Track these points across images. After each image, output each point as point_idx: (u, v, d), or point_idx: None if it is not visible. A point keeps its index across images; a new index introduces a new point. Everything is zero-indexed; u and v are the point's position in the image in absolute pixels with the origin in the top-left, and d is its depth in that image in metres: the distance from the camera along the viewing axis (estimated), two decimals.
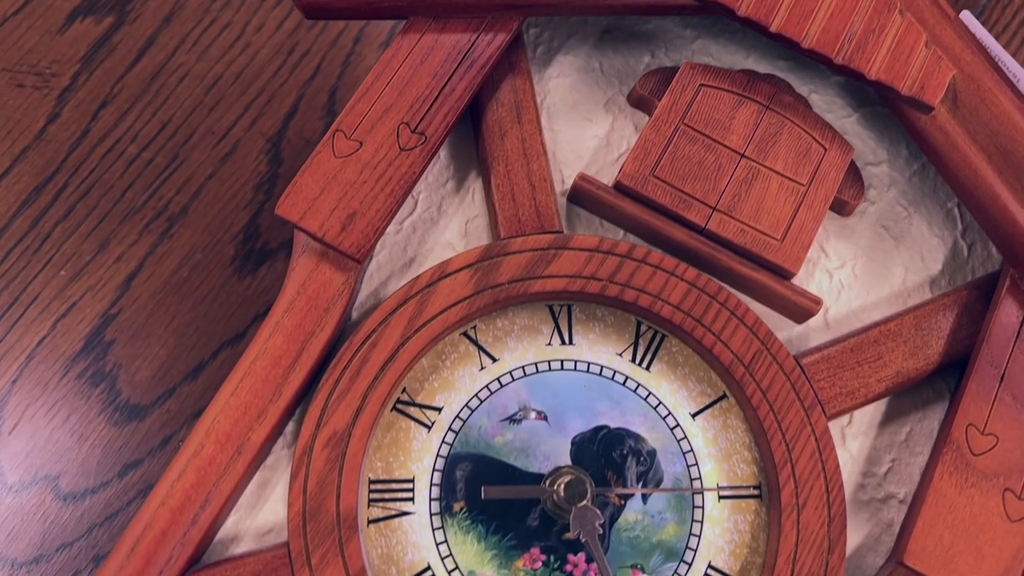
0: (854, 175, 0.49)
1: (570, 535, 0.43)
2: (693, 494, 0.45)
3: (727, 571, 0.44)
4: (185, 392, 0.62)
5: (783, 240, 0.46)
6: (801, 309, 0.46)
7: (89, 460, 0.60)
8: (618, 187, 0.47)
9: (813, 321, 0.48)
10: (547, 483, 0.44)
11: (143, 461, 0.61)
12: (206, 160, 0.67)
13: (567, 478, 0.42)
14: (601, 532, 0.42)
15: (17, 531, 0.59)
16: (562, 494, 0.41)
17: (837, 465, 0.43)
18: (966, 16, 0.51)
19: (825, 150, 0.48)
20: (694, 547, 0.44)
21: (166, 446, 0.61)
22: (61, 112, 0.66)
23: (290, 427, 0.45)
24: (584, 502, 0.42)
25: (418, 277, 0.45)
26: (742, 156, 0.47)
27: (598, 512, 0.42)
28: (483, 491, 0.42)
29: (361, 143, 0.45)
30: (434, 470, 0.44)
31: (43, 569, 0.58)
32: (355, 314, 0.47)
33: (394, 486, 0.44)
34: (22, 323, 0.63)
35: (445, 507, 0.44)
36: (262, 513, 0.43)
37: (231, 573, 0.40)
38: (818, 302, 0.46)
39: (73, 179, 0.66)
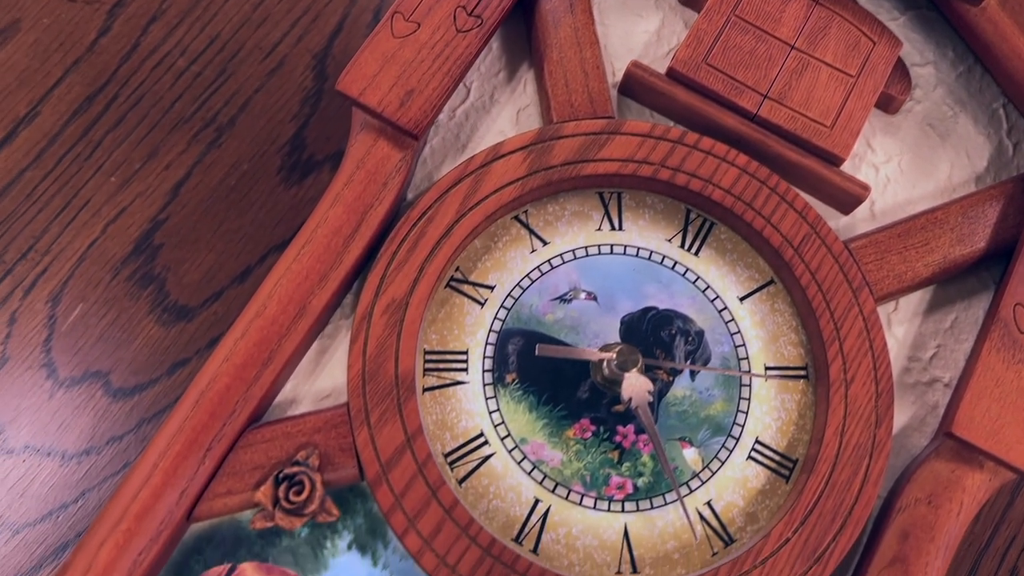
0: (901, 71, 0.49)
1: (620, 408, 0.44)
2: (741, 372, 0.45)
3: (774, 446, 0.44)
4: (232, 295, 0.63)
5: (832, 127, 0.47)
6: (849, 196, 0.47)
7: (138, 358, 0.61)
8: (671, 74, 0.47)
9: (859, 212, 0.49)
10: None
11: (191, 360, 0.62)
12: (253, 74, 0.68)
13: (619, 347, 0.43)
14: (651, 400, 0.43)
15: (68, 424, 0.60)
16: (614, 360, 0.42)
17: (884, 344, 0.44)
18: None
19: (874, 43, 0.48)
20: (741, 423, 0.45)
21: (213, 346, 0.62)
22: (112, 26, 0.67)
23: (347, 300, 0.46)
24: (635, 370, 0.42)
25: (472, 157, 0.46)
26: (792, 47, 0.48)
27: (648, 380, 0.43)
28: (537, 348, 0.43)
29: (419, 24, 0.45)
30: (487, 344, 0.45)
31: (93, 460, 0.59)
32: (410, 195, 0.48)
33: (448, 357, 0.45)
34: (74, 226, 0.64)
35: (497, 378, 0.44)
36: (320, 379, 0.44)
37: (292, 429, 0.41)
38: (866, 188, 0.46)
39: (123, 90, 0.67)
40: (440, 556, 0.40)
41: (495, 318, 0.45)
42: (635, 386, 0.43)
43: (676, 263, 0.47)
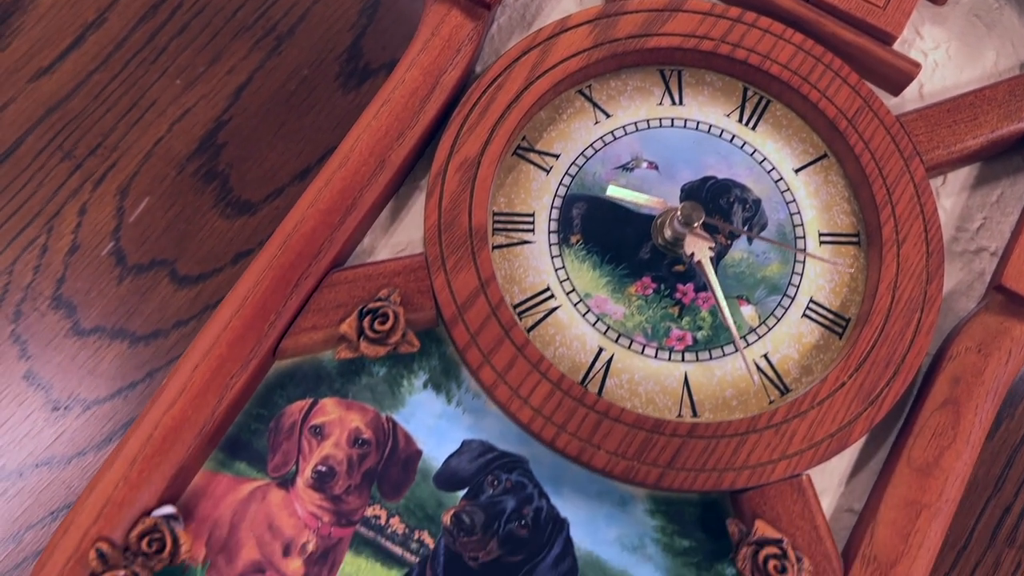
0: None
1: (680, 268, 0.46)
2: (795, 237, 0.47)
3: (827, 305, 0.46)
4: (293, 192, 0.65)
5: (885, 8, 0.49)
6: (900, 73, 0.49)
7: (203, 248, 0.64)
8: None
9: (908, 94, 0.50)
10: (658, 220, 0.47)
11: (254, 251, 0.64)
12: None
13: (683, 203, 0.45)
14: (712, 255, 0.45)
15: (137, 309, 0.62)
16: (679, 214, 0.44)
17: (935, 208, 0.46)
18: None
19: None
20: (796, 284, 0.47)
21: None
22: None
23: (419, 168, 0.48)
24: (696, 226, 0.44)
25: (540, 30, 0.48)
26: None
27: (709, 236, 0.45)
28: (608, 189, 0.45)
29: None
30: (552, 207, 0.47)
31: (160, 343, 0.61)
32: (478, 69, 0.50)
33: (516, 219, 0.47)
34: (140, 125, 0.67)
35: (563, 239, 0.47)
36: (396, 235, 0.47)
37: (373, 272, 0.43)
38: (916, 65, 0.48)
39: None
40: (513, 388, 0.42)
41: (560, 184, 0.48)
42: (697, 242, 0.45)
43: (734, 136, 0.49)
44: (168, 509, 0.39)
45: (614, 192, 0.45)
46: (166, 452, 0.39)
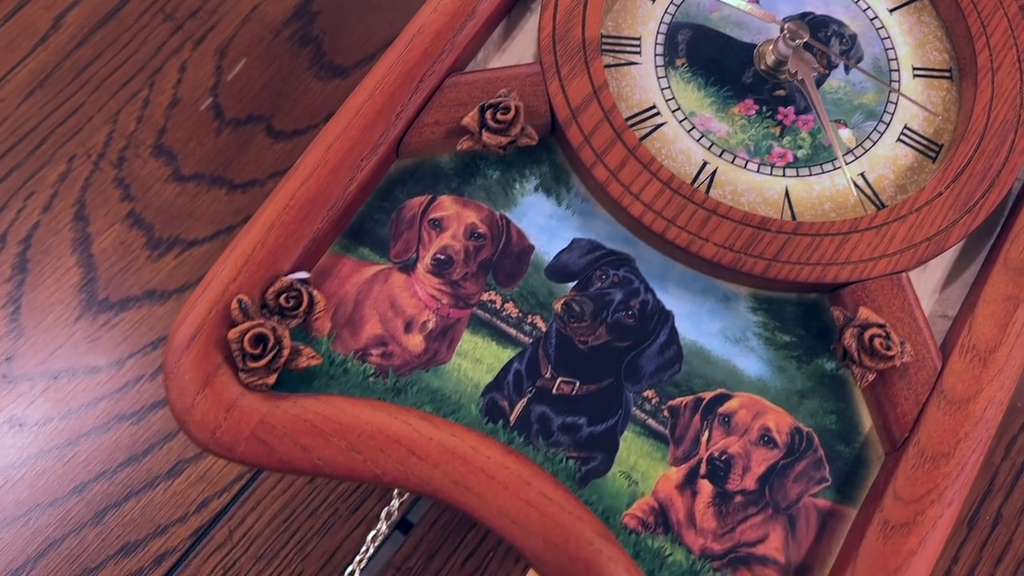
0: None
1: (782, 92, 0.48)
2: (890, 70, 0.49)
3: (921, 132, 0.48)
4: None
5: None
6: None
7: (297, 107, 0.66)
8: None
9: None
10: (760, 47, 0.49)
11: None
12: None
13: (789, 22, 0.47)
14: (814, 75, 0.47)
15: (234, 159, 0.64)
16: (786, 32, 0.46)
17: None
18: None
19: None
20: (891, 111, 0.48)
21: None
22: None
23: None
24: (801, 42, 0.46)
25: None
26: None
27: (811, 56, 0.47)
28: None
29: None
30: (658, 32, 0.49)
31: (256, 191, 0.64)
32: None
33: (623, 41, 0.49)
34: None
35: (668, 61, 0.49)
36: (508, 50, 0.49)
37: (490, 76, 0.45)
38: None
39: None
40: (625, 185, 0.44)
41: (665, 12, 0.50)
42: (800, 62, 0.47)
43: None
44: (303, 274, 0.42)
45: None
46: (301, 222, 0.42)
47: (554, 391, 0.43)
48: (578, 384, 0.43)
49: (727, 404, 0.43)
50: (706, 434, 0.42)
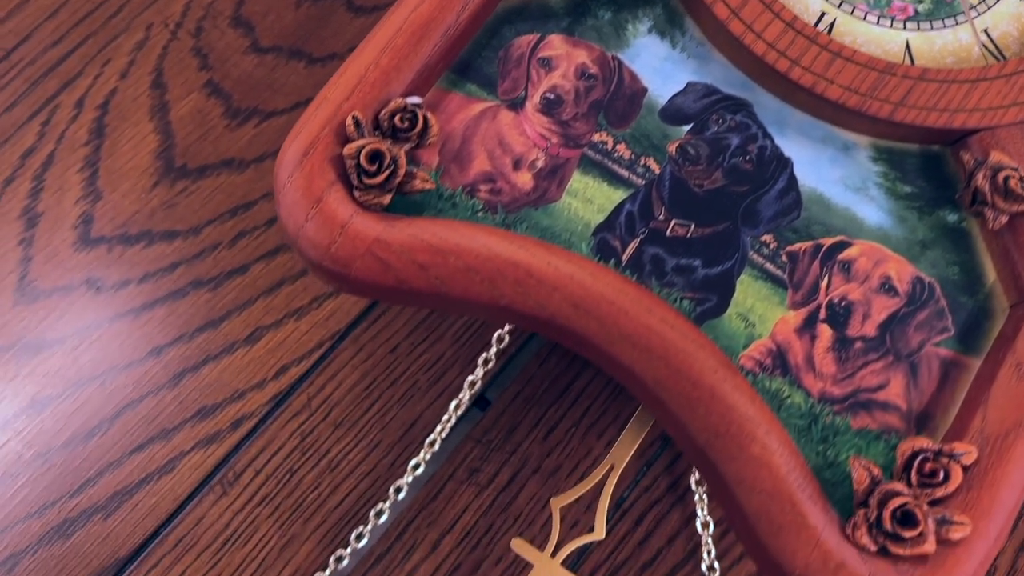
0: None
1: None
2: None
3: None
4: None
5: None
6: None
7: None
8: None
9: None
10: None
11: None
12: None
13: None
14: None
15: (313, 32, 0.63)
16: None
17: None
18: None
19: None
20: None
21: None
22: None
23: None
24: None
25: None
26: None
27: None
28: None
29: None
30: None
31: (336, 64, 0.62)
32: None
33: None
34: None
35: None
36: None
37: None
38: None
39: None
40: (747, 23, 0.42)
41: None
42: None
43: None
44: (416, 99, 0.40)
45: None
46: (414, 45, 0.40)
47: (668, 233, 0.41)
48: (693, 227, 0.42)
49: (847, 251, 0.41)
50: (825, 280, 0.41)
